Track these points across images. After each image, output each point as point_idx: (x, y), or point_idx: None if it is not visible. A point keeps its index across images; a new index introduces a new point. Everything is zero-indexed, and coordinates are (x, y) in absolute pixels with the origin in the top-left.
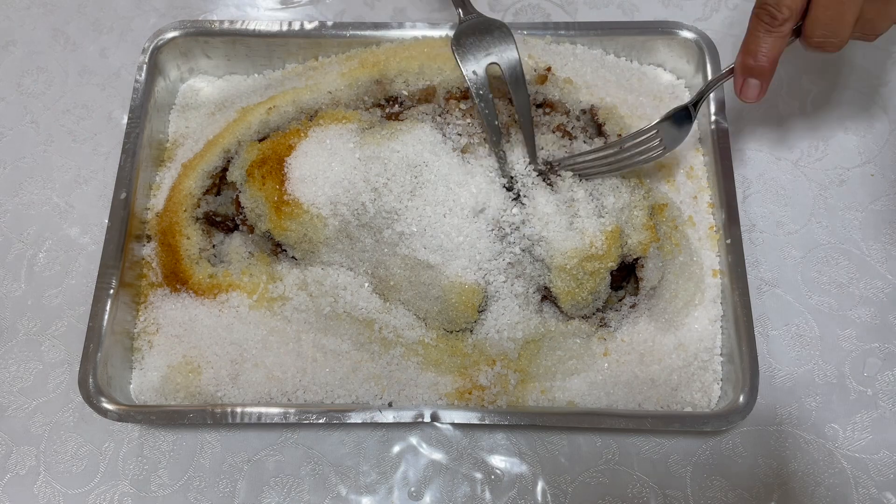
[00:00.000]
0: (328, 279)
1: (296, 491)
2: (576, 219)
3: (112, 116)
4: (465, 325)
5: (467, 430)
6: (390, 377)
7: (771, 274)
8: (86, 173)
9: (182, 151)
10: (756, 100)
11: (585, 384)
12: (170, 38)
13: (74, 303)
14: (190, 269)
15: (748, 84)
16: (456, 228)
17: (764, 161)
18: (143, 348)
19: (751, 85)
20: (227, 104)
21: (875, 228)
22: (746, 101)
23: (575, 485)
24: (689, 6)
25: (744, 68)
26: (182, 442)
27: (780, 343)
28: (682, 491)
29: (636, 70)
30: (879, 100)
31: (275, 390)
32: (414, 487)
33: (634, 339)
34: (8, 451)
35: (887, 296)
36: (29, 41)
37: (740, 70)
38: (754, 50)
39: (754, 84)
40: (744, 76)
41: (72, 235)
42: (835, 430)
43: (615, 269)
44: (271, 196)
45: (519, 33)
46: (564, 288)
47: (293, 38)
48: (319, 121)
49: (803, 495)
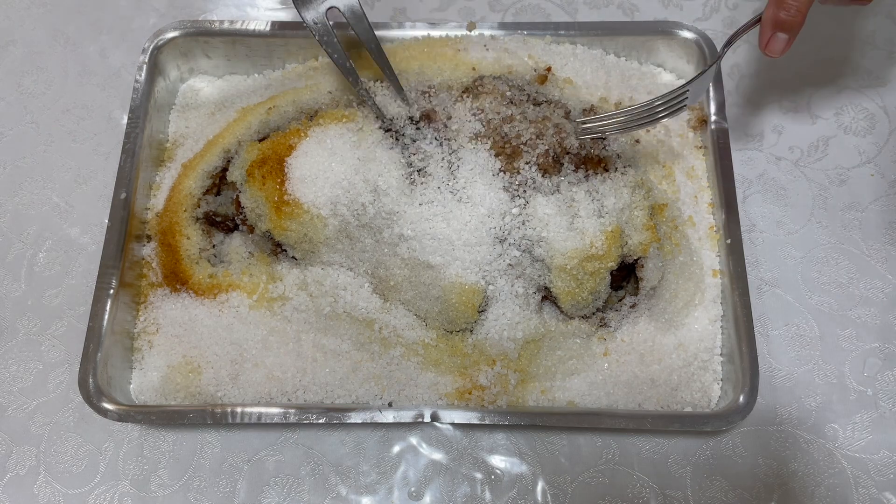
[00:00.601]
0: (328, 279)
1: (296, 491)
2: (576, 219)
3: (112, 116)
4: (466, 326)
5: (467, 430)
6: (390, 377)
7: (771, 274)
8: (86, 173)
9: (182, 151)
10: (781, 54)
11: (585, 384)
12: (170, 38)
13: (74, 303)
14: (190, 269)
15: (776, 38)
16: (456, 230)
17: (764, 161)
18: (143, 348)
19: (779, 39)
20: (227, 104)
21: (875, 228)
22: (771, 55)
23: (575, 485)
24: (689, 6)
25: (774, 22)
26: (182, 442)
27: (780, 343)
28: (682, 491)
29: (636, 70)
30: (879, 100)
31: (275, 390)
32: (414, 487)
33: (634, 339)
34: (8, 451)
35: (887, 296)
36: (29, 41)
37: (770, 24)
38: (786, 2)
39: (782, 38)
40: (773, 30)
41: (72, 235)
42: (835, 430)
43: (615, 269)
44: (271, 196)
45: (519, 33)
46: (564, 288)
47: (293, 38)
48: (319, 121)
49: (803, 495)
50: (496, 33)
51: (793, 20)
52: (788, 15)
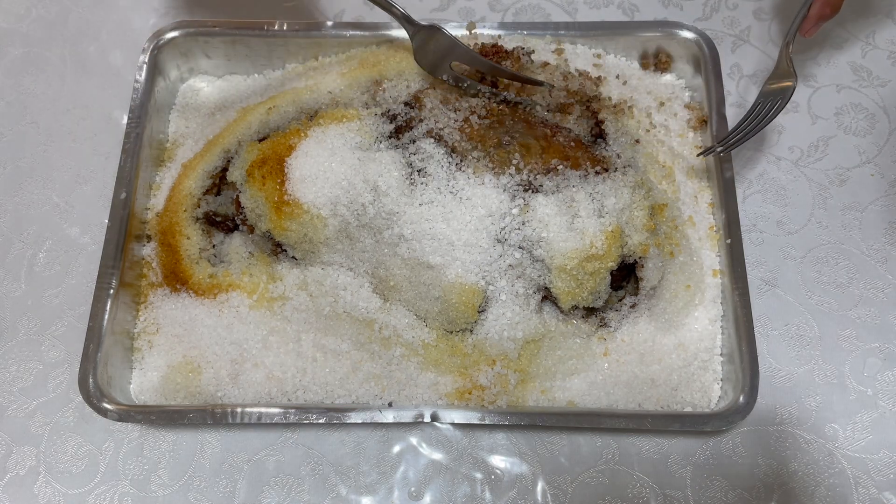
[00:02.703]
0: (328, 279)
1: (296, 491)
2: (576, 219)
3: (112, 116)
4: (466, 326)
5: (467, 430)
6: (390, 377)
7: (771, 274)
8: (86, 173)
9: (182, 151)
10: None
11: (585, 384)
12: (170, 38)
13: (74, 303)
14: (190, 269)
15: (817, 26)
16: (456, 230)
17: (764, 161)
18: (143, 348)
19: (819, 27)
20: (227, 104)
21: (875, 228)
22: (807, 37)
23: (575, 485)
24: (689, 6)
25: (820, 17)
26: (182, 442)
27: (780, 343)
28: (682, 491)
29: (636, 70)
30: (879, 100)
31: (275, 390)
32: (414, 487)
33: (634, 339)
34: (8, 451)
35: (887, 296)
36: (29, 41)
37: (817, 19)
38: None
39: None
40: (818, 23)
41: (72, 235)
42: (835, 430)
43: (615, 269)
44: (271, 196)
45: (519, 33)
46: (564, 288)
47: (293, 38)
48: (319, 121)
49: (803, 495)
50: (496, 33)
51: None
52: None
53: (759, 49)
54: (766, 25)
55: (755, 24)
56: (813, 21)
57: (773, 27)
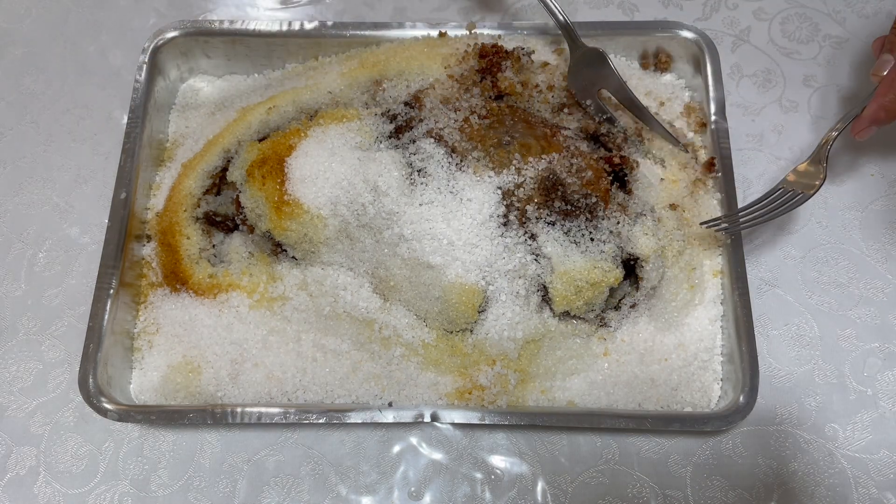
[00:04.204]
0: (328, 279)
1: (296, 491)
2: (582, 242)
3: (112, 116)
4: (466, 326)
5: (467, 430)
6: (390, 377)
7: (771, 274)
8: (86, 173)
9: (182, 151)
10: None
11: (585, 384)
12: (170, 37)
13: (74, 303)
14: (190, 269)
15: (869, 130)
16: (456, 230)
17: (764, 161)
18: (143, 348)
19: (872, 130)
20: (227, 104)
21: (875, 228)
22: (858, 139)
23: (575, 485)
24: (689, 6)
25: (874, 120)
26: (182, 442)
27: (780, 343)
28: (682, 491)
29: (636, 70)
30: None
31: (275, 390)
32: (414, 487)
33: (634, 339)
34: (8, 451)
35: (887, 296)
36: (29, 41)
37: (871, 122)
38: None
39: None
40: (872, 126)
41: (72, 235)
42: (835, 430)
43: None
44: (271, 196)
45: (519, 33)
46: (562, 291)
47: (293, 38)
48: (319, 121)
49: (803, 495)
50: (496, 33)
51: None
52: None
53: (759, 49)
54: (766, 25)
55: (755, 24)
56: (866, 123)
57: (773, 27)
